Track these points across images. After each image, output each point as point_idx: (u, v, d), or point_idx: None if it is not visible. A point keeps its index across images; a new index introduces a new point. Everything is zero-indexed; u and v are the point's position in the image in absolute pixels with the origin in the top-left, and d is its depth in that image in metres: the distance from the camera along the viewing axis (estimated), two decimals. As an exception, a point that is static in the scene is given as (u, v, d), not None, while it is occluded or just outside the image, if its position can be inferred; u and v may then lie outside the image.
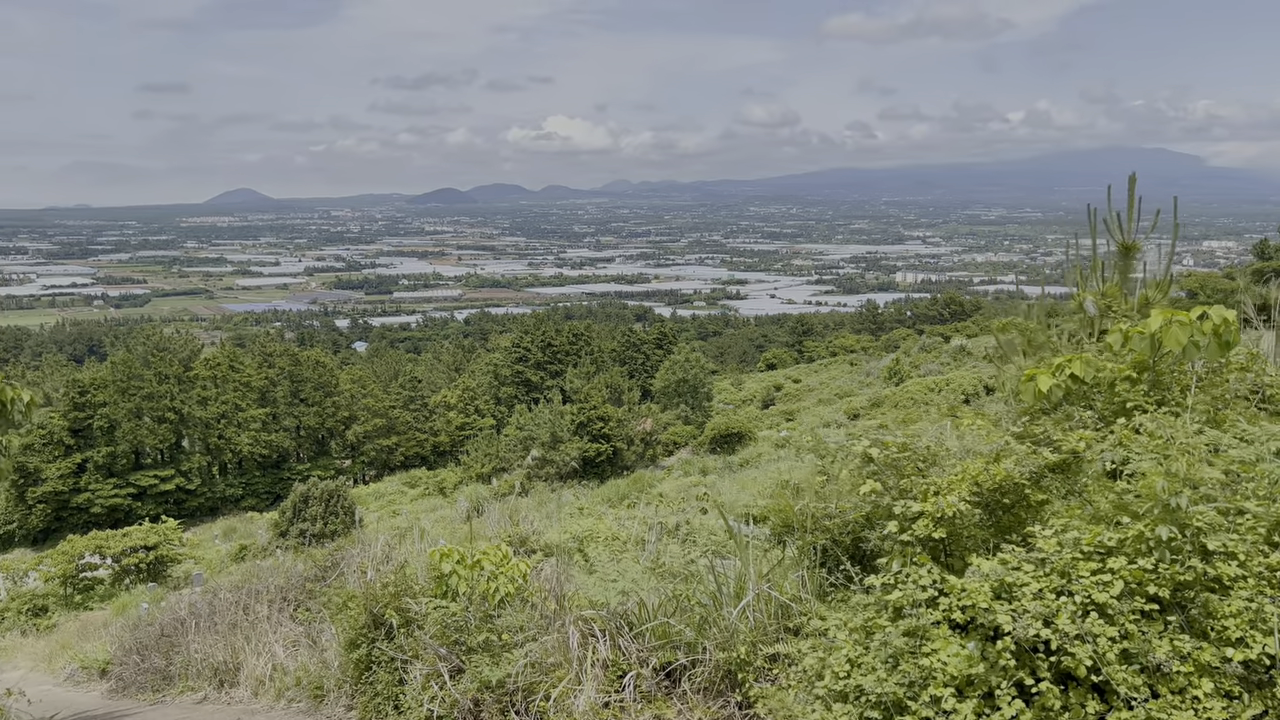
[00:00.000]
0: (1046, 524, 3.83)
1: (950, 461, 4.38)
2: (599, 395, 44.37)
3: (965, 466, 4.19)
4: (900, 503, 4.18)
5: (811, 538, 4.68)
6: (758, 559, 4.96)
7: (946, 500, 3.95)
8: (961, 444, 4.46)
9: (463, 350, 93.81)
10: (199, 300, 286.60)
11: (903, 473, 4.40)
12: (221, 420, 62.42)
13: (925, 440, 4.48)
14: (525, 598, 6.11)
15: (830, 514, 4.68)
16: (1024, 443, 4.34)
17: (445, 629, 5.55)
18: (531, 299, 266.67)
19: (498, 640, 5.42)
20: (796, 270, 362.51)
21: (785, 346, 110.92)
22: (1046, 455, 4.21)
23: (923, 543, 4.04)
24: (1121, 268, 6.38)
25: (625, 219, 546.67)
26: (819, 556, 4.69)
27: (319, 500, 34.98)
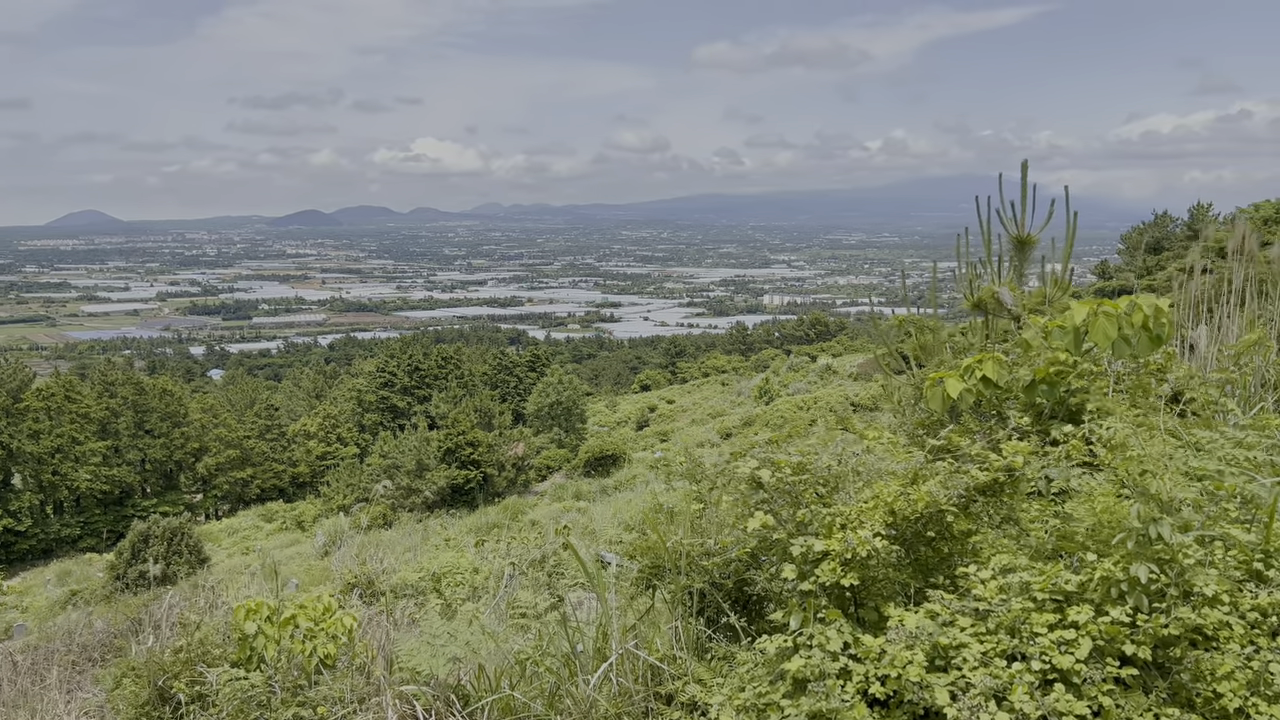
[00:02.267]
0: (983, 561, 3.13)
1: (856, 485, 3.62)
2: (468, 420, 42.90)
3: (878, 491, 3.47)
4: (799, 540, 3.41)
5: (687, 580, 3.86)
6: (624, 606, 4.14)
7: (858, 536, 3.20)
8: (866, 463, 3.71)
9: (324, 376, 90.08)
10: (39, 328, 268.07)
11: (799, 500, 3.61)
12: (56, 455, 57.65)
13: (825, 459, 3.69)
14: (352, 658, 5.11)
15: (709, 551, 3.88)
16: (943, 458, 3.63)
17: (244, 705, 4.53)
18: (400, 323, 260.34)
19: (312, 717, 4.43)
20: (669, 293, 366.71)
21: (659, 368, 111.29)
22: (975, 474, 3.51)
23: (828, 591, 3.29)
24: (1017, 263, 5.93)
25: (497, 242, 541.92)
26: (696, 603, 3.88)
27: (160, 539, 32.35)
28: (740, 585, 3.81)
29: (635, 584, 4.00)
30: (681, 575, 3.80)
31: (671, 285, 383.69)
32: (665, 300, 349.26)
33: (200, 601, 10.12)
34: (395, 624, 5.83)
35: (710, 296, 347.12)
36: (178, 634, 5.57)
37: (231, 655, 5.21)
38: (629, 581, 5.69)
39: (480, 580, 11.80)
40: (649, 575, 3.91)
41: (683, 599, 3.84)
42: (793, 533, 3.42)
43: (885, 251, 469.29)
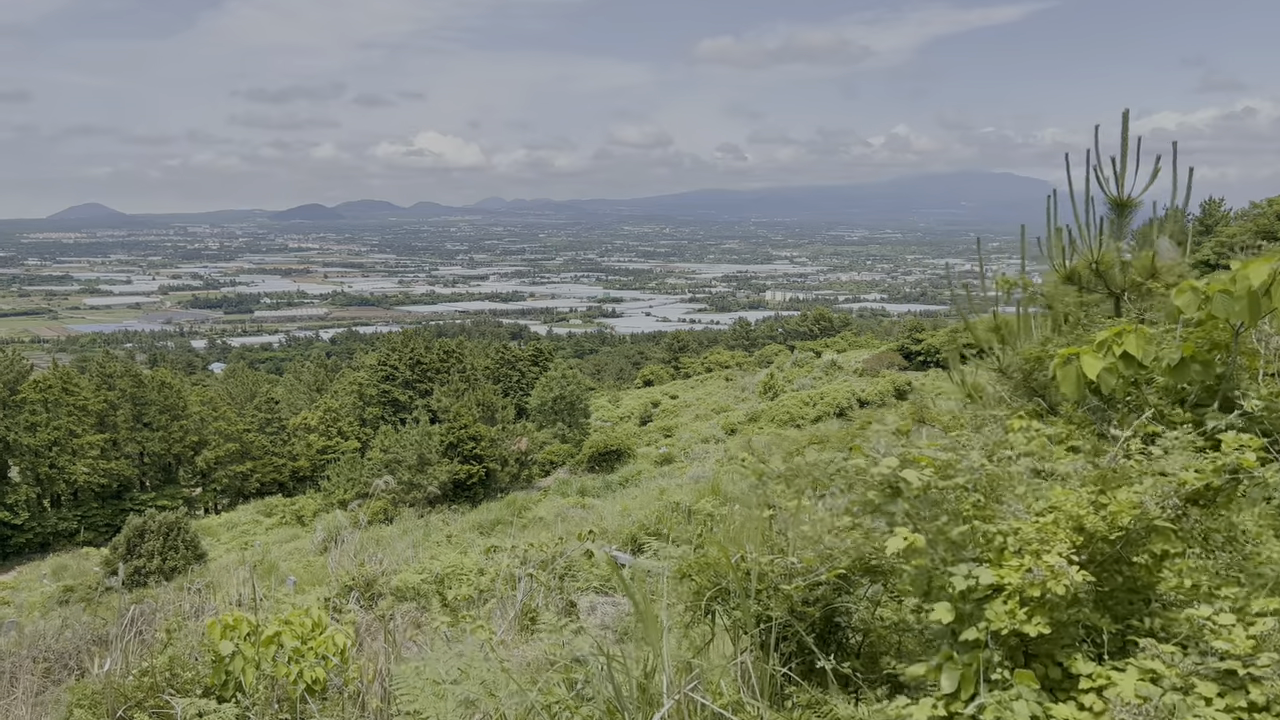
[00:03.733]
0: (1201, 596, 2.36)
1: (1018, 491, 2.79)
2: (470, 414, 42.19)
3: (1057, 501, 2.59)
4: (960, 569, 2.52)
5: (758, 606, 3.08)
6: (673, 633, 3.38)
7: (1047, 564, 2.33)
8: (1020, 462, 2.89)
9: (325, 369, 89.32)
10: (41, 320, 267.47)
11: (954, 512, 2.77)
12: (54, 448, 56.98)
13: (974, 456, 2.84)
14: (345, 683, 4.39)
15: (791, 571, 3.09)
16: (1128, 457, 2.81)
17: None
18: (402, 317, 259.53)
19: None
20: (670, 289, 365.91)
21: (662, 363, 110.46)
22: (1188, 477, 2.70)
23: (1001, 641, 2.40)
24: (1116, 229, 5.19)
25: (499, 237, 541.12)
26: (766, 635, 3.08)
27: (157, 534, 31.68)
28: (829, 617, 3.03)
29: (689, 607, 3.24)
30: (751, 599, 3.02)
31: (673, 281, 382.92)
32: (667, 296, 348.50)
33: (186, 605, 9.41)
34: (396, 637, 5.11)
35: (712, 292, 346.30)
36: (146, 651, 4.86)
37: (205, 679, 4.50)
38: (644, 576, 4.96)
39: (486, 583, 11.09)
40: (709, 597, 3.16)
41: (749, 627, 3.07)
42: (947, 558, 2.60)
43: (887, 248, 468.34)
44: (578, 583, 10.26)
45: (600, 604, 10.12)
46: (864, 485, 2.87)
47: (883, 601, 2.85)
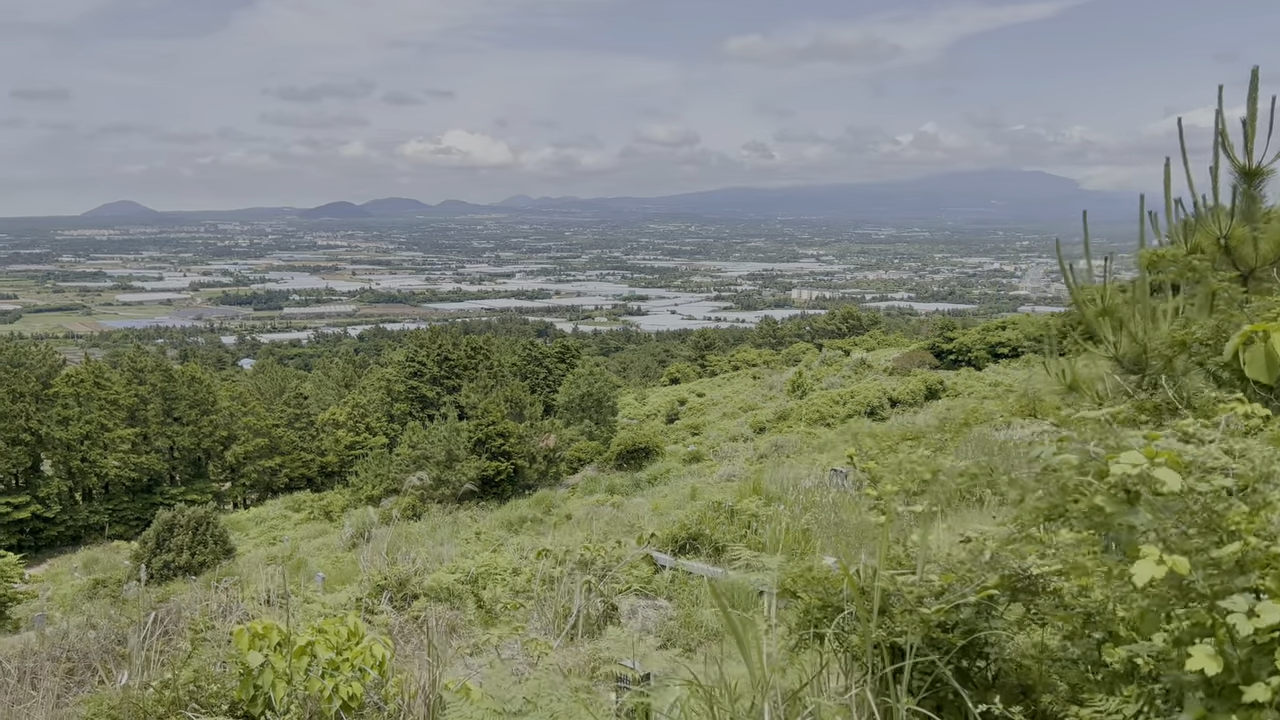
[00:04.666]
0: None
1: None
2: (498, 410, 41.93)
3: None
4: (1239, 601, 1.89)
5: (882, 630, 2.56)
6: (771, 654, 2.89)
7: None
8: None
9: (354, 366, 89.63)
10: (75, 316, 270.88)
11: (1209, 524, 2.22)
12: (85, 441, 57.40)
13: (1213, 449, 2.30)
14: (384, 699, 3.98)
15: (926, 589, 2.58)
16: None
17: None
18: (429, 315, 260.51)
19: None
20: (696, 287, 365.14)
21: (688, 361, 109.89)
22: None
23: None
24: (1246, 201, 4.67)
25: (525, 234, 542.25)
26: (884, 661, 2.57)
27: (186, 528, 31.64)
28: (970, 646, 2.51)
29: (798, 627, 2.77)
30: (873, 622, 2.52)
31: (699, 279, 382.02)
32: (692, 294, 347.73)
33: (213, 604, 9.09)
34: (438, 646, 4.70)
35: (738, 290, 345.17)
36: (170, 659, 4.49)
37: (232, 693, 4.12)
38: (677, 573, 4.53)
39: (522, 583, 10.70)
40: (816, 615, 2.68)
41: (863, 655, 2.58)
42: (1210, 588, 2.04)
43: (915, 246, 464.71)
44: (617, 584, 9.84)
45: (641, 607, 9.70)
46: (1062, 488, 2.36)
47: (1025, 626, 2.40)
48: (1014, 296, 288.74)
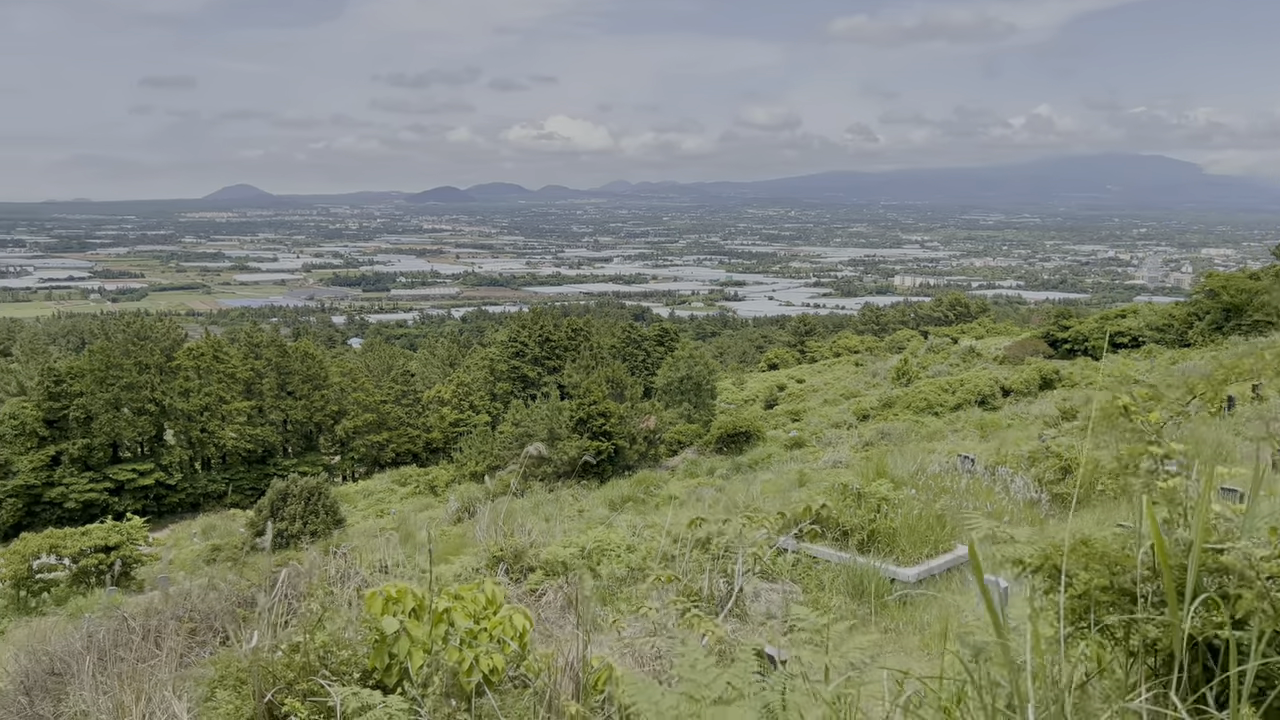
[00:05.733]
0: None
1: None
2: (600, 390, 41.90)
3: None
4: None
5: (1193, 621, 1.95)
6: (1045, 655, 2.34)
7: None
8: None
9: (458, 345, 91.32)
10: (196, 295, 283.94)
11: None
12: (205, 413, 59.84)
13: None
14: (528, 673, 3.65)
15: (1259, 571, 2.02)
16: None
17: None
18: (529, 298, 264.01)
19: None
20: (794, 273, 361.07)
21: (787, 347, 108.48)
22: None
23: None
24: None
25: (624, 219, 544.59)
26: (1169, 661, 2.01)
27: (298, 498, 32.51)
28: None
29: (1077, 617, 2.25)
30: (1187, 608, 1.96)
31: (798, 264, 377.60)
32: (791, 280, 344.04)
33: (332, 570, 9.01)
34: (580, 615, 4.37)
35: (838, 276, 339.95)
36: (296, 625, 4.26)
37: (364, 660, 3.85)
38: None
39: (637, 560, 10.37)
40: (1100, 602, 2.14)
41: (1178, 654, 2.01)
42: None
43: (1025, 233, 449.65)
44: (739, 566, 9.41)
45: (764, 589, 9.26)
46: None
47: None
48: (1130, 286, 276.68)
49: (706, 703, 2.30)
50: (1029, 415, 43.23)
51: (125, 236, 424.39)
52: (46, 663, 9.10)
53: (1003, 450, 14.91)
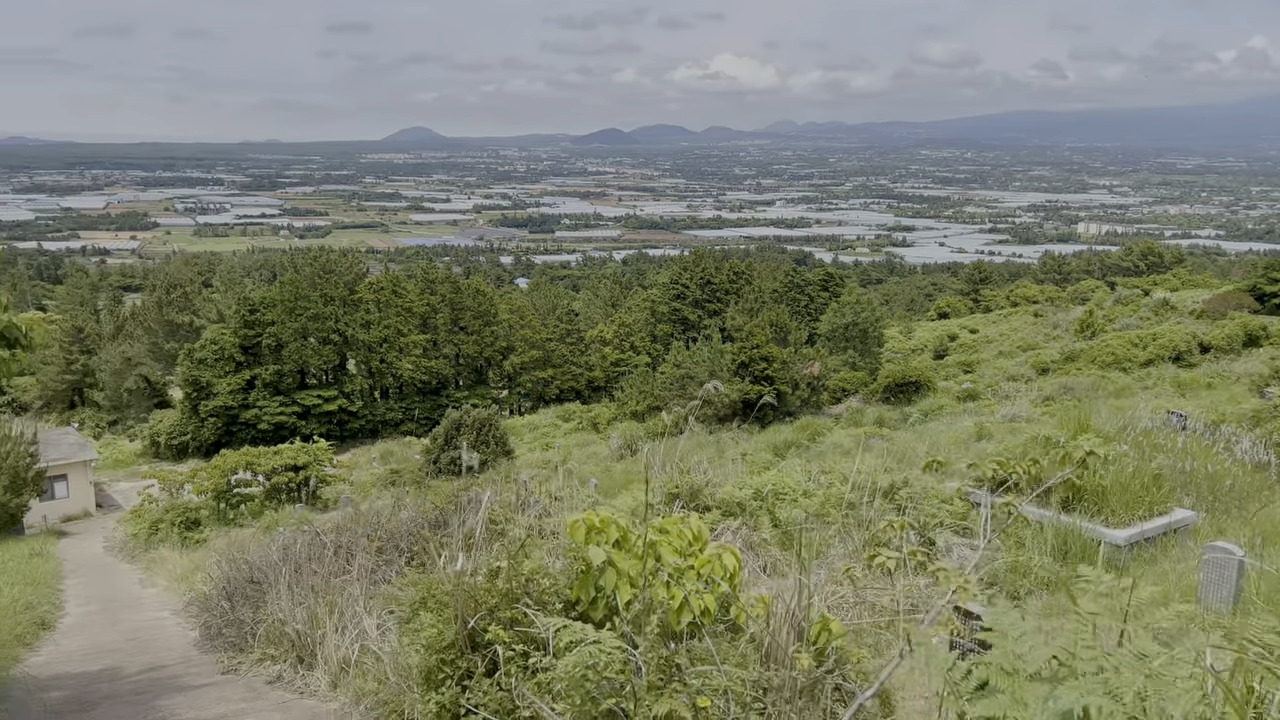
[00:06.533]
0: None
1: None
2: (763, 334, 41.26)
3: None
4: None
5: None
6: None
7: None
8: None
9: (620, 286, 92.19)
10: (375, 233, 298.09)
11: None
12: (384, 344, 62.90)
13: None
14: (737, 618, 3.36)
15: None
16: None
17: (588, 679, 2.93)
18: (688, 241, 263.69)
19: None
20: (968, 218, 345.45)
21: (959, 295, 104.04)
22: None
23: None
24: None
25: (788, 161, 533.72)
26: None
27: (471, 428, 33.68)
28: None
29: None
30: None
31: (972, 210, 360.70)
32: (964, 225, 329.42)
33: (511, 497, 9.08)
34: (800, 558, 4.05)
35: (1016, 223, 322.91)
36: (496, 551, 4.13)
37: (564, 591, 3.67)
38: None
39: (815, 506, 9.98)
40: None
41: None
42: None
43: (1227, 178, 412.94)
44: (930, 518, 8.89)
45: (956, 545, 8.71)
46: None
47: None
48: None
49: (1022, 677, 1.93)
50: (1232, 374, 39.81)
51: (311, 176, 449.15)
52: (247, 571, 9.60)
53: (1217, 408, 13.58)
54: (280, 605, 7.54)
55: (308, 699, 6.42)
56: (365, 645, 6.31)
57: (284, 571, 7.99)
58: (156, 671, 8.49)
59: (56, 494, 38.28)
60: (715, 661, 2.97)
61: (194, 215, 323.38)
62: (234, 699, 6.69)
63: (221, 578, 10.18)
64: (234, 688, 7.13)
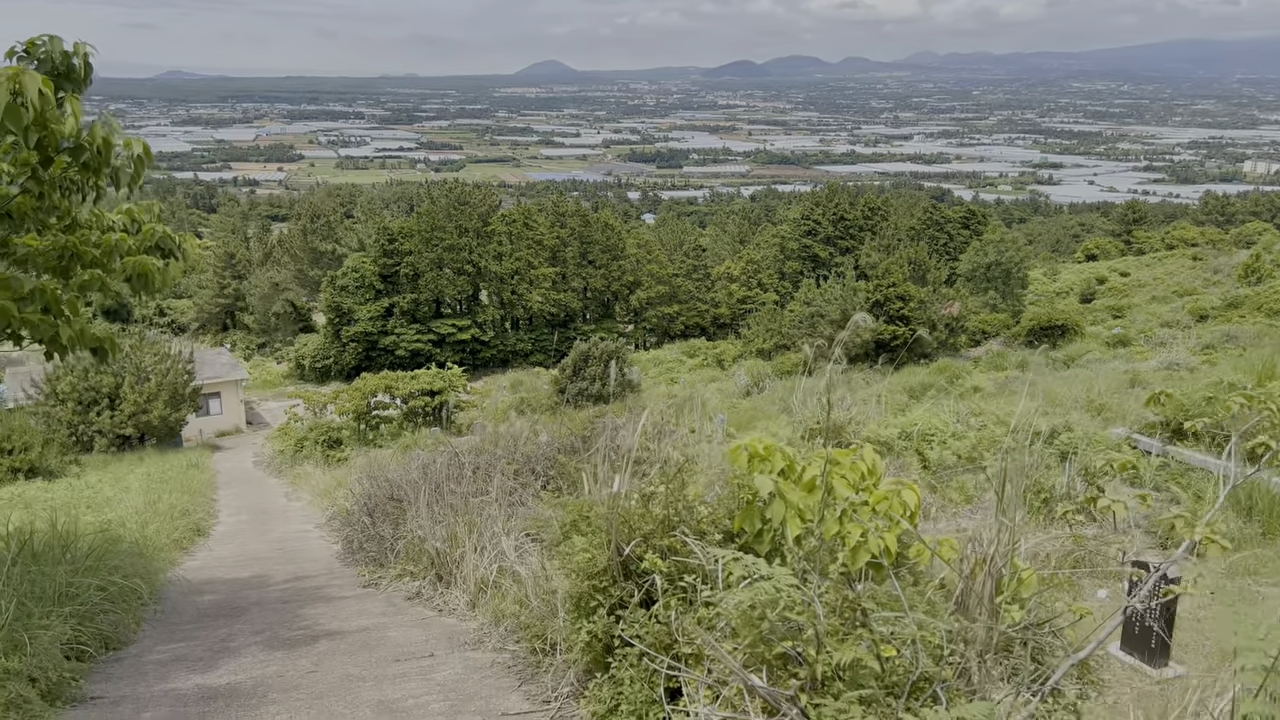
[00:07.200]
0: None
1: None
2: (900, 272, 39.79)
3: None
4: None
5: None
6: None
7: None
8: None
9: (749, 222, 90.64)
10: (507, 168, 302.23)
11: None
12: (515, 276, 63.86)
13: None
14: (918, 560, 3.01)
15: None
16: None
17: (762, 617, 2.64)
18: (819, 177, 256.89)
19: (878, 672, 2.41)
20: (1121, 155, 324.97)
21: (1110, 236, 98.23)
22: None
23: None
24: None
25: (928, 94, 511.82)
26: None
27: (598, 360, 33.88)
28: None
29: None
30: None
31: (1126, 146, 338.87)
32: (1116, 163, 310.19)
33: (648, 425, 8.87)
34: (1000, 496, 3.65)
35: (1174, 160, 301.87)
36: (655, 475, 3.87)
37: (723, 521, 3.38)
38: None
39: (965, 448, 9.43)
40: None
41: None
42: None
43: None
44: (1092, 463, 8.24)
45: (1124, 493, 8.06)
46: None
47: None
48: None
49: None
50: None
51: (446, 110, 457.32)
52: (387, 488, 9.76)
53: None
54: (420, 523, 7.59)
55: (446, 617, 6.42)
56: (503, 566, 6.24)
57: (424, 490, 8.03)
58: (301, 581, 8.74)
59: (211, 410, 40.65)
60: (902, 606, 2.64)
61: (336, 148, 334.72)
62: (374, 613, 6.76)
63: (363, 494, 10.42)
64: (374, 601, 7.23)
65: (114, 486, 19.96)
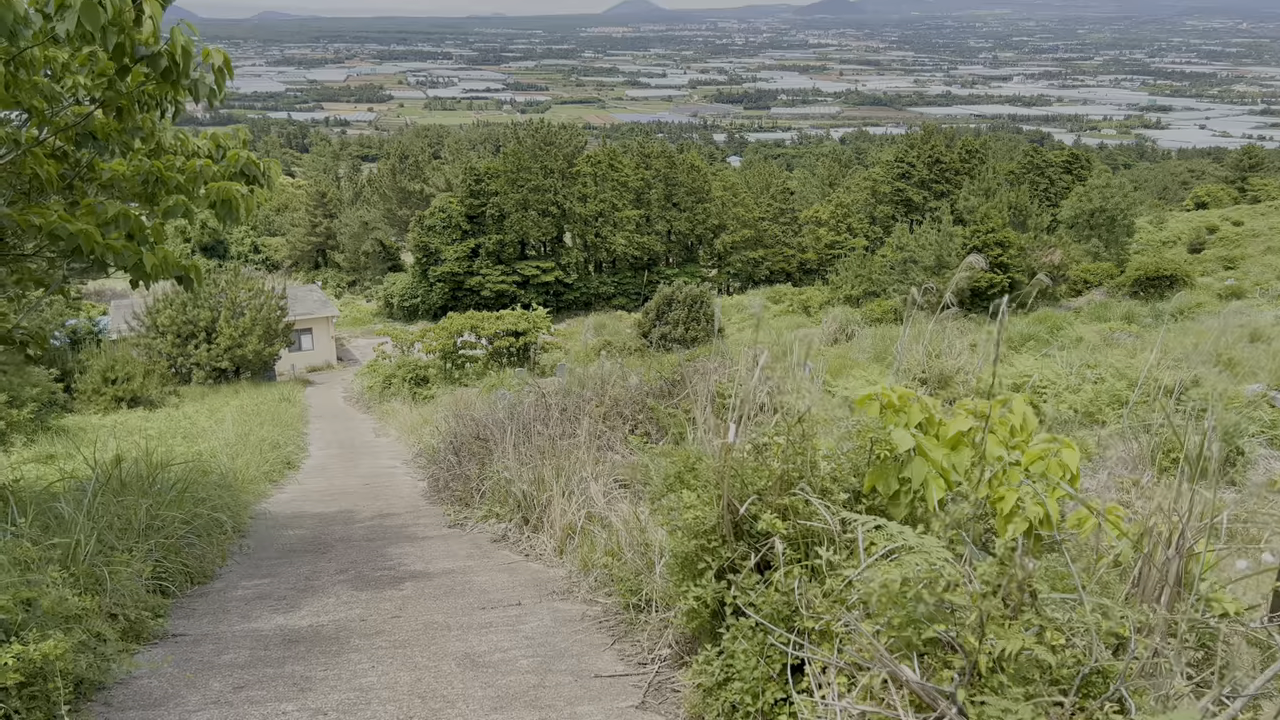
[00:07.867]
0: None
1: None
2: (999, 217, 38.15)
3: None
4: None
5: None
6: None
7: None
8: None
9: (838, 164, 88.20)
10: (592, 109, 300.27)
11: None
12: (599, 218, 63.47)
13: None
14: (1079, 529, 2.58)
15: None
16: None
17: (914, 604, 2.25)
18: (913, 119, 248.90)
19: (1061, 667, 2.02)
20: (1236, 98, 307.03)
21: (1222, 183, 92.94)
22: None
23: None
24: None
25: (1030, 32, 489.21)
26: None
27: (682, 304, 33.43)
28: None
29: None
30: None
31: (1242, 89, 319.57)
32: (1230, 106, 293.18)
33: (739, 370, 8.48)
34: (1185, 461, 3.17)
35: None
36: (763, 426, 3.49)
37: (848, 480, 2.99)
38: None
39: (1082, 402, 8.80)
40: None
41: None
42: None
43: None
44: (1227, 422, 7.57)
45: (1263, 457, 7.40)
46: None
47: None
48: None
49: None
50: None
51: (533, 50, 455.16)
52: (473, 428, 9.58)
53: None
54: (506, 464, 7.37)
55: (533, 562, 6.20)
56: (592, 513, 5.98)
57: (510, 431, 7.81)
58: (387, 519, 8.67)
59: (303, 346, 41.58)
60: (1073, 585, 2.23)
61: (424, 89, 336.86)
62: (460, 555, 6.59)
63: (449, 433, 10.29)
64: (460, 543, 7.06)
65: (209, 418, 20.48)
